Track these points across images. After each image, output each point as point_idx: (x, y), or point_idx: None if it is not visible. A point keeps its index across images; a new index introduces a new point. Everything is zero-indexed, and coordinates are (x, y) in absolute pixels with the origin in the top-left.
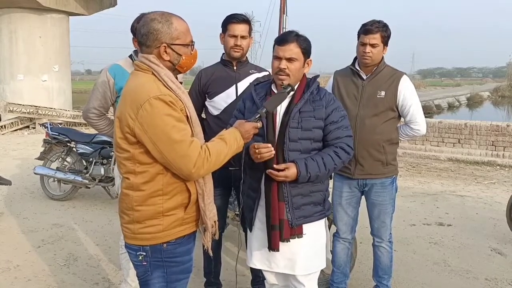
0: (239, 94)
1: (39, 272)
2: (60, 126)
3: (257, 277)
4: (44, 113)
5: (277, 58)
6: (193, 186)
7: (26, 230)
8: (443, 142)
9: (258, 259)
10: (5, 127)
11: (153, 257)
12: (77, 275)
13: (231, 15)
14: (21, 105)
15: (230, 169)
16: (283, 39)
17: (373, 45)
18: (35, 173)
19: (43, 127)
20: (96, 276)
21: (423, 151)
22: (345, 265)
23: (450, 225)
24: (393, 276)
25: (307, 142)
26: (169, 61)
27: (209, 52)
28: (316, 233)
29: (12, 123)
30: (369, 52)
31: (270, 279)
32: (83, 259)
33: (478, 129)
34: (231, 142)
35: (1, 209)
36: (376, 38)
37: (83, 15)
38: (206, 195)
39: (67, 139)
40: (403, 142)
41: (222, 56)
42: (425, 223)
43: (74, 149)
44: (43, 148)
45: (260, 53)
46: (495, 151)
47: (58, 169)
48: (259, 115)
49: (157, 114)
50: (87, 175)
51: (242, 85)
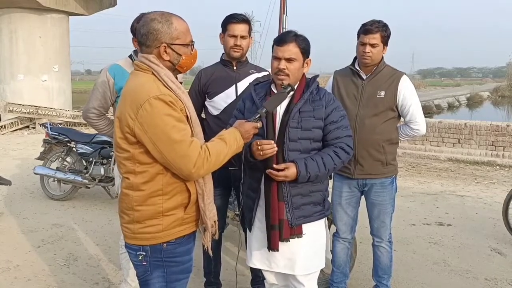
0: (238, 94)
1: (39, 272)
2: (60, 126)
3: (257, 276)
4: (44, 113)
5: (276, 58)
6: (193, 186)
7: (26, 230)
8: (443, 142)
9: (257, 259)
10: (5, 127)
11: (153, 257)
12: (77, 275)
13: (231, 15)
14: (21, 105)
15: (230, 169)
16: (282, 40)
17: (373, 45)
18: (35, 173)
19: (43, 127)
20: (96, 276)
21: (423, 151)
22: (344, 265)
23: (450, 225)
24: (393, 276)
25: (306, 142)
26: (169, 61)
27: (209, 52)
28: (315, 233)
29: (12, 123)
30: (369, 52)
31: (269, 279)
32: (83, 259)
33: (478, 129)
34: (231, 142)
35: (1, 209)
36: (376, 38)
37: (83, 15)
38: (206, 195)
39: (67, 139)
40: (403, 142)
41: (222, 56)
42: (425, 223)
43: (74, 149)
44: (43, 148)
45: (260, 53)
46: (495, 151)
47: (58, 169)
48: (259, 115)
49: (157, 114)
50: (87, 175)
51: (242, 85)
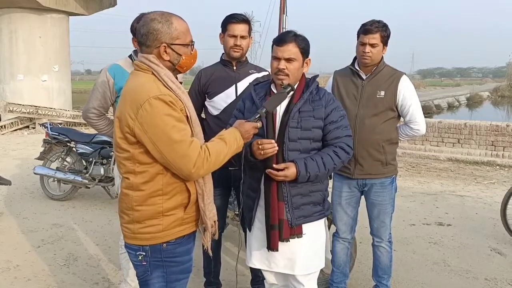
0: (238, 94)
1: (39, 272)
2: (60, 126)
3: (257, 276)
4: (44, 113)
5: (276, 58)
6: (193, 186)
7: (26, 230)
8: (443, 142)
9: (257, 259)
10: (5, 127)
11: (152, 257)
12: (77, 275)
13: (230, 15)
14: (21, 105)
15: (230, 169)
16: (281, 40)
17: (373, 45)
18: (35, 173)
19: (43, 127)
20: (96, 276)
21: (423, 151)
22: (344, 265)
23: (449, 225)
24: (393, 276)
25: (306, 142)
26: (169, 61)
27: (209, 52)
28: (315, 233)
29: (12, 123)
30: (368, 52)
31: (269, 279)
32: (83, 259)
33: (477, 129)
34: (231, 142)
35: (1, 209)
36: (375, 38)
37: (83, 15)
38: (206, 195)
39: (67, 139)
40: (402, 142)
41: (221, 56)
42: (424, 223)
43: (74, 149)
44: (43, 148)
45: (260, 53)
46: (495, 151)
47: (58, 169)
48: (259, 115)
49: (157, 114)
50: (87, 175)
51: (241, 85)
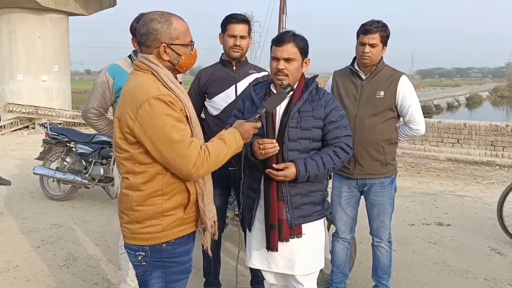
0: (238, 94)
1: (38, 272)
2: (59, 126)
3: (257, 277)
4: (43, 113)
5: (275, 59)
6: (193, 186)
7: (25, 230)
8: (442, 142)
9: (257, 259)
10: (5, 127)
11: (152, 257)
12: (77, 275)
13: (230, 15)
14: (20, 105)
15: (229, 169)
16: (280, 40)
17: (372, 45)
18: (35, 173)
19: (43, 127)
20: (95, 276)
21: (422, 151)
22: (344, 265)
23: (449, 225)
24: (393, 276)
25: (306, 141)
26: (168, 61)
27: (208, 52)
28: (315, 233)
29: (11, 123)
30: (368, 52)
31: (269, 279)
32: (83, 259)
33: (477, 129)
34: (230, 142)
35: (1, 209)
36: (375, 38)
37: (82, 15)
38: (205, 195)
39: (67, 139)
40: (402, 142)
41: (221, 56)
42: (424, 223)
43: (73, 149)
44: (43, 148)
45: (259, 53)
46: (494, 151)
47: (57, 169)
48: (259, 115)
49: (157, 114)
50: (87, 175)
51: (241, 85)
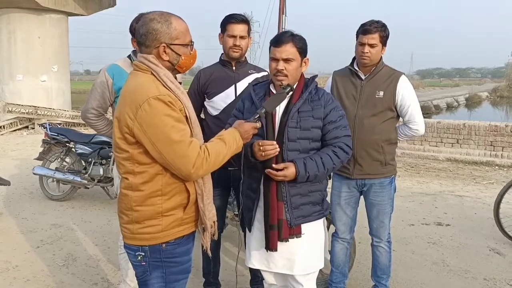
0: (238, 94)
1: (38, 272)
2: (59, 126)
3: (256, 277)
4: (43, 113)
5: (274, 59)
6: (192, 186)
7: (25, 230)
8: (442, 142)
9: (256, 259)
10: (4, 128)
11: (152, 257)
12: (76, 275)
13: (230, 15)
14: (20, 105)
15: (229, 169)
16: (278, 40)
17: (372, 45)
18: (34, 174)
19: (42, 128)
20: (95, 276)
21: (422, 151)
22: (343, 265)
23: (448, 225)
24: (392, 276)
25: (305, 141)
26: (168, 61)
27: (208, 52)
28: (314, 233)
29: (11, 123)
30: (367, 52)
31: (268, 279)
32: (82, 259)
33: (476, 129)
34: (230, 142)
35: (0, 210)
36: (374, 38)
37: (82, 15)
38: (205, 195)
39: (66, 140)
40: (401, 142)
41: (221, 56)
42: (423, 223)
43: (73, 149)
44: (42, 148)
45: (259, 53)
46: (494, 151)
47: (57, 169)
48: (258, 115)
49: (156, 114)
50: (86, 175)
51: (241, 85)
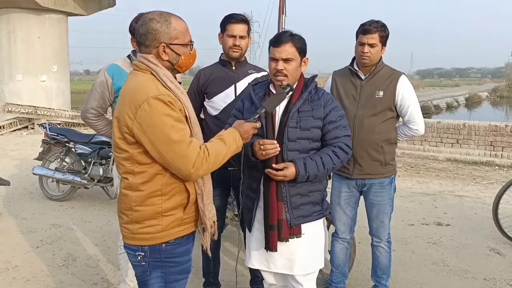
0: (238, 94)
1: (37, 272)
2: (58, 126)
3: (256, 277)
4: (42, 113)
5: (273, 59)
6: (192, 186)
7: (24, 230)
8: (442, 142)
9: (256, 259)
10: (4, 128)
11: (152, 257)
12: (76, 275)
13: (229, 15)
14: (19, 105)
15: (229, 169)
16: (277, 40)
17: (372, 45)
18: (34, 174)
19: (42, 128)
20: (95, 276)
21: (422, 151)
22: (343, 265)
23: (448, 225)
24: (392, 276)
25: (305, 141)
26: (168, 61)
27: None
28: (314, 233)
29: (10, 123)
30: (367, 52)
31: (268, 279)
32: (82, 260)
33: (476, 129)
34: (230, 142)
35: (0, 210)
36: (374, 38)
37: (81, 15)
38: (205, 195)
39: (66, 140)
40: (401, 142)
41: (220, 56)
42: (423, 223)
43: (72, 149)
44: (42, 148)
45: (259, 53)
46: (494, 151)
47: (56, 169)
48: (258, 115)
49: (156, 114)
50: (86, 175)
51: (241, 85)
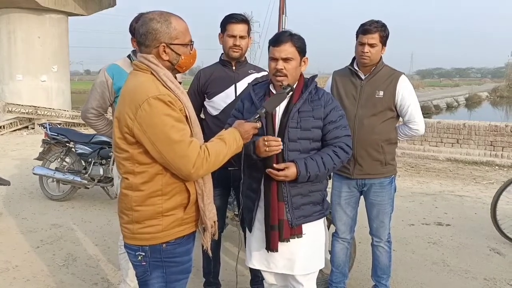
0: (238, 94)
1: (38, 272)
2: (59, 126)
3: (256, 277)
4: (43, 113)
5: (273, 59)
6: (193, 186)
7: (25, 230)
8: (442, 142)
9: (257, 259)
10: (4, 128)
11: (152, 257)
12: (76, 275)
13: (230, 15)
14: (20, 105)
15: (229, 169)
16: (277, 40)
17: (372, 45)
18: (34, 174)
19: (42, 128)
20: (95, 276)
21: (422, 151)
22: (344, 265)
23: (448, 225)
24: (392, 275)
25: (306, 142)
26: (168, 60)
27: (208, 52)
28: (315, 233)
29: (11, 123)
30: (367, 52)
31: (269, 279)
32: (82, 259)
33: (476, 129)
34: (230, 142)
35: (0, 210)
36: (374, 38)
37: (82, 15)
38: (205, 195)
39: (66, 140)
40: (401, 142)
41: (221, 56)
42: (423, 223)
43: (73, 149)
44: (42, 148)
45: (259, 53)
46: (494, 151)
47: (57, 169)
48: (259, 115)
49: (156, 114)
50: (86, 175)
51: (241, 85)
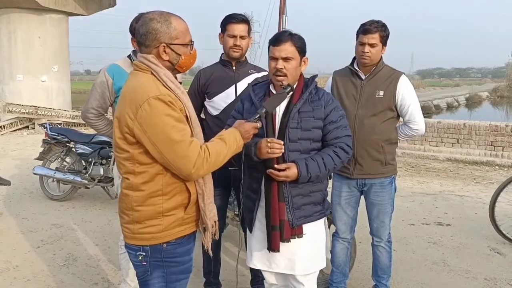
0: (238, 94)
1: (38, 272)
2: (59, 126)
3: (257, 277)
4: (43, 113)
5: (273, 59)
6: (193, 186)
7: (25, 230)
8: (442, 142)
9: (258, 259)
10: (4, 128)
11: (152, 257)
12: (77, 275)
13: (230, 15)
14: (20, 105)
15: (230, 169)
16: (277, 40)
17: (372, 45)
18: (34, 174)
19: (42, 128)
20: (95, 276)
21: (422, 151)
22: (344, 264)
23: (449, 225)
24: (392, 275)
25: (306, 142)
26: (168, 61)
27: (208, 52)
28: (315, 233)
29: (11, 123)
30: (368, 52)
31: (269, 279)
32: (83, 259)
33: (477, 129)
34: (230, 142)
35: (0, 209)
36: (375, 38)
37: (82, 15)
38: (206, 195)
39: (66, 139)
40: (402, 142)
41: (221, 56)
42: (424, 223)
43: (73, 149)
44: (42, 148)
45: (259, 53)
46: (494, 151)
47: (57, 169)
48: (259, 115)
49: (156, 114)
50: (86, 175)
51: (241, 85)
